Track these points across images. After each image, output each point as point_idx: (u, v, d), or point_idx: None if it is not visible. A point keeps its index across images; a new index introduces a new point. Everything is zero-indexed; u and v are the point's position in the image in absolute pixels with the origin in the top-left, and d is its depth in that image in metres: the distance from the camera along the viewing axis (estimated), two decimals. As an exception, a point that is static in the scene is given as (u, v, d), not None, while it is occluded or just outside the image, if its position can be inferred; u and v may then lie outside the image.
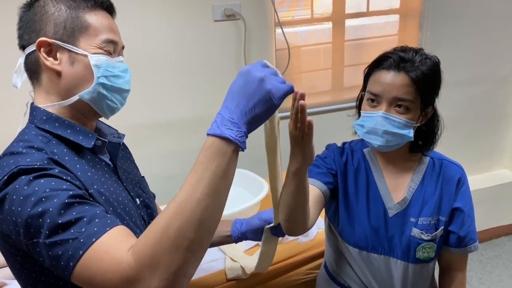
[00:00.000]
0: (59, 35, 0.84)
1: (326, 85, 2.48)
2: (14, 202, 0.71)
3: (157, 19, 1.98)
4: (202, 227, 0.66)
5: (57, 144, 0.82)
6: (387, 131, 1.05)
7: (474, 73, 2.66)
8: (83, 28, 0.85)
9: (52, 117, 0.84)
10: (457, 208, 1.14)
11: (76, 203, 0.71)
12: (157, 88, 2.08)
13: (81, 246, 0.67)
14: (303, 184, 0.93)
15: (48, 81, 0.86)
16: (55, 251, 0.68)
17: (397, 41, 2.52)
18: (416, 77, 1.02)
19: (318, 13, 2.31)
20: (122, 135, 1.00)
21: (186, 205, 0.65)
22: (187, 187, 0.67)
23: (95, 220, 0.70)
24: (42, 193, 0.70)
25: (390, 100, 1.04)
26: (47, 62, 0.83)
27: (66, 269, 0.68)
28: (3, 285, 1.40)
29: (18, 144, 0.79)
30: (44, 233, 0.69)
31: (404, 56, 1.05)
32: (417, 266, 1.16)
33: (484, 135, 2.87)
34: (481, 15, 2.54)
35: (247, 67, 0.72)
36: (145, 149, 2.13)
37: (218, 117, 0.71)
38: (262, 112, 0.71)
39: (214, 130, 0.69)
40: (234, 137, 0.69)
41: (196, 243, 0.66)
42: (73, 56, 0.84)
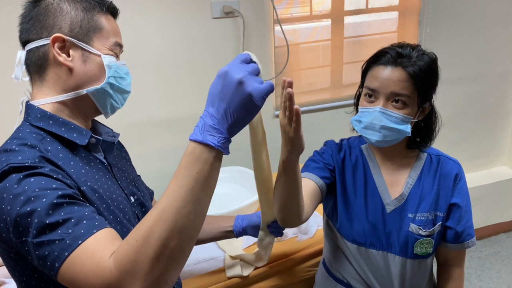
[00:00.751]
0: (74, 33, 0.86)
1: (325, 83, 2.48)
2: (4, 200, 0.71)
3: (156, 17, 1.97)
4: (183, 235, 0.66)
5: (51, 141, 0.83)
6: (384, 126, 1.06)
7: (473, 69, 2.66)
8: (97, 29, 0.88)
9: (47, 114, 0.85)
10: (454, 204, 1.15)
11: (65, 203, 0.71)
12: (155, 85, 2.07)
13: (67, 248, 0.67)
14: (295, 174, 0.93)
15: (55, 76, 0.86)
16: (42, 251, 0.69)
17: (397, 38, 2.52)
18: (413, 72, 1.03)
19: (317, 10, 2.30)
20: (117, 134, 1.01)
21: (167, 213, 0.65)
22: (168, 193, 0.67)
23: (82, 222, 0.70)
24: (31, 193, 0.70)
25: (387, 95, 1.05)
26: (60, 58, 0.84)
27: (52, 270, 0.68)
28: (2, 283, 1.40)
29: (12, 141, 0.80)
30: (32, 233, 0.69)
31: (402, 51, 1.06)
32: (415, 261, 1.16)
33: (483, 132, 2.87)
34: (480, 12, 2.54)
35: (225, 68, 0.70)
36: (143, 147, 2.13)
37: (200, 121, 0.70)
38: (243, 115, 0.70)
39: (195, 136, 0.69)
40: (216, 144, 0.68)
41: (177, 251, 0.66)
42: (86, 54, 0.87)
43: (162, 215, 0.65)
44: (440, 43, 2.50)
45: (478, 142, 2.88)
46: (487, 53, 2.65)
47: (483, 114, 2.81)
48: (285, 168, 0.92)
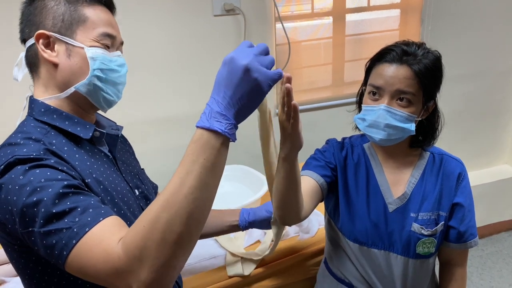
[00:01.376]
0: (57, 27, 0.85)
1: (326, 81, 2.47)
2: (9, 191, 0.71)
3: (156, 14, 1.96)
4: (190, 221, 0.65)
5: (55, 135, 0.83)
6: (389, 124, 1.05)
7: (475, 68, 2.65)
8: (81, 21, 0.86)
9: (50, 109, 0.85)
10: (457, 203, 1.14)
11: (71, 193, 0.71)
12: (156, 83, 2.07)
13: (74, 236, 0.68)
14: (294, 171, 0.93)
15: (46, 73, 0.87)
16: (49, 240, 0.69)
17: (398, 36, 2.51)
18: (419, 70, 1.02)
19: (318, 7, 2.30)
20: (121, 127, 1.01)
21: (174, 199, 0.65)
22: (176, 180, 0.66)
23: (89, 210, 0.70)
24: (37, 183, 0.70)
25: (393, 93, 1.04)
26: (45, 54, 0.85)
27: (60, 258, 0.69)
28: (3, 282, 1.39)
29: (17, 135, 0.80)
30: (39, 222, 0.69)
31: (407, 49, 1.05)
32: (417, 261, 1.16)
33: (484, 130, 2.86)
34: (482, 10, 2.52)
35: (231, 54, 0.69)
36: (145, 145, 2.13)
37: (207, 108, 0.69)
38: (250, 102, 0.70)
39: (202, 122, 0.68)
40: (223, 130, 0.67)
41: (185, 237, 0.65)
42: (70, 48, 0.86)
43: (170, 201, 0.64)
44: (441, 41, 2.49)
45: (480, 140, 2.87)
46: (489, 52, 2.64)
47: (485, 112, 2.80)
48: (283, 165, 0.92)
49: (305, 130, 0.88)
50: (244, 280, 1.45)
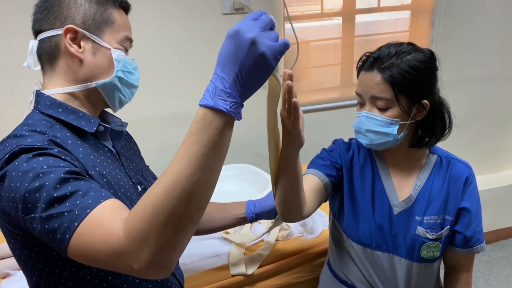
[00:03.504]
0: (87, 25, 0.87)
1: (334, 81, 2.46)
2: (13, 178, 0.72)
3: (166, 13, 1.97)
4: (192, 203, 0.64)
5: (60, 128, 0.84)
6: (369, 129, 1.07)
7: (485, 70, 2.63)
8: (109, 22, 0.90)
9: (56, 102, 0.86)
10: (463, 208, 1.13)
11: (72, 178, 0.72)
12: (164, 81, 2.07)
13: (76, 218, 0.67)
14: (295, 169, 0.93)
15: (65, 66, 0.88)
16: (51, 224, 0.69)
17: (408, 37, 2.49)
18: (389, 76, 1.02)
19: (328, 8, 2.29)
20: (125, 123, 1.02)
21: (176, 180, 0.63)
22: (177, 160, 0.64)
23: (90, 193, 0.70)
24: (40, 169, 0.71)
25: (370, 99, 1.07)
26: (71, 49, 0.86)
27: (62, 242, 0.68)
28: (7, 275, 1.41)
29: (22, 128, 0.81)
30: (41, 207, 0.70)
31: (379, 54, 1.06)
32: (422, 265, 1.14)
33: (494, 134, 2.83)
34: (493, 13, 2.50)
35: (236, 26, 0.64)
36: (152, 141, 2.13)
37: (210, 85, 0.65)
38: (257, 78, 0.65)
39: (206, 100, 0.64)
40: (228, 109, 0.64)
41: (186, 219, 0.64)
42: (96, 47, 0.88)
43: (171, 182, 0.63)
44: (451, 43, 2.47)
45: (488, 144, 2.85)
46: (499, 54, 2.61)
47: (494, 116, 2.78)
48: (285, 162, 0.92)
49: (312, 130, 0.87)
50: (247, 279, 1.45)
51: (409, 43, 1.08)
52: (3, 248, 1.51)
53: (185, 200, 0.63)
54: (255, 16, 0.67)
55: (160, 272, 0.65)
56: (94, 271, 0.84)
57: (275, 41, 0.64)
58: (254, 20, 0.66)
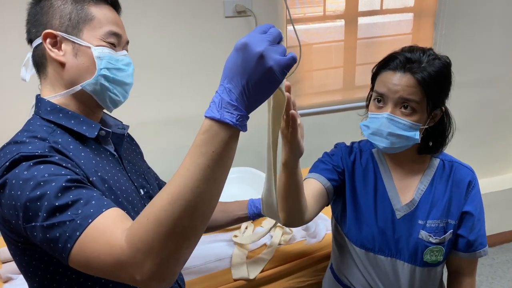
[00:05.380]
0: (64, 27, 0.86)
1: (337, 84, 2.45)
2: (13, 186, 0.72)
3: (168, 15, 1.97)
4: (196, 214, 0.63)
5: (61, 134, 0.84)
6: (392, 133, 1.04)
7: (488, 73, 2.62)
8: (87, 20, 0.86)
9: (56, 108, 0.86)
10: (466, 212, 1.12)
11: (74, 186, 0.72)
12: (166, 84, 2.07)
13: (77, 227, 0.67)
14: (295, 176, 0.94)
15: (53, 72, 0.88)
16: (52, 233, 0.69)
17: (411, 40, 2.49)
18: (422, 79, 1.01)
19: (330, 10, 2.28)
20: (127, 126, 1.02)
21: (180, 192, 0.62)
22: (182, 172, 0.63)
23: (91, 202, 0.70)
24: (41, 178, 0.71)
25: (396, 100, 1.03)
26: (52, 54, 0.85)
27: (64, 251, 0.68)
28: (9, 279, 1.40)
29: (23, 134, 0.81)
30: (42, 216, 0.69)
31: (411, 56, 1.04)
32: (425, 269, 1.14)
33: (497, 137, 2.82)
34: (496, 15, 2.49)
35: (244, 39, 0.64)
36: (154, 144, 2.13)
37: (217, 97, 0.65)
38: (264, 91, 0.65)
39: (212, 113, 0.63)
40: (234, 122, 0.63)
41: (190, 230, 0.64)
42: (76, 47, 0.86)
43: (175, 194, 0.62)
44: (455, 46, 2.46)
45: (492, 147, 2.83)
46: (503, 57, 2.60)
47: (498, 118, 2.77)
48: (285, 170, 0.93)
49: (314, 133, 0.87)
50: (249, 284, 1.44)
51: (431, 49, 1.08)
52: (5, 252, 1.51)
53: (189, 212, 0.62)
54: (264, 29, 0.66)
55: (163, 283, 0.65)
56: (95, 278, 0.83)
57: (283, 55, 0.64)
58: (263, 33, 0.66)
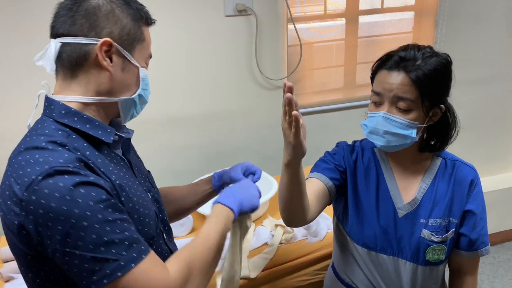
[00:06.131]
0: (122, 40, 0.85)
1: (338, 83, 2.45)
2: (53, 209, 0.71)
3: (168, 14, 1.97)
4: (213, 260, 0.89)
5: (77, 138, 0.82)
6: (388, 131, 1.05)
7: (490, 71, 2.61)
8: (140, 40, 0.89)
9: (71, 111, 0.83)
10: (468, 211, 1.12)
11: (118, 220, 0.76)
12: (166, 83, 2.07)
13: (120, 269, 0.73)
14: (297, 176, 0.94)
15: (89, 77, 0.84)
16: (92, 265, 0.72)
17: (412, 38, 2.48)
18: (416, 77, 1.01)
19: (331, 9, 2.28)
20: (131, 130, 1.01)
21: (205, 246, 0.88)
22: (206, 235, 0.90)
23: (133, 245, 0.76)
24: (86, 206, 0.72)
25: (391, 99, 1.04)
26: (104, 62, 0.83)
27: (96, 284, 0.73)
28: (10, 279, 1.41)
29: (39, 138, 0.79)
30: (86, 246, 0.72)
31: (405, 55, 1.04)
32: (427, 268, 1.14)
33: (499, 135, 2.82)
34: (497, 13, 2.49)
35: (253, 202, 1.04)
36: (153, 144, 2.14)
37: (230, 197, 1.00)
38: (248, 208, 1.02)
39: (229, 203, 0.98)
40: (236, 213, 0.98)
41: (211, 269, 0.90)
42: (126, 63, 0.87)
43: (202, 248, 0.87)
44: (456, 44, 2.46)
45: (494, 145, 2.83)
46: (504, 55, 2.60)
47: (500, 116, 2.76)
48: (286, 171, 0.93)
49: (315, 132, 0.87)
50: (250, 283, 1.44)
51: (427, 46, 1.07)
52: (6, 251, 1.51)
53: (211, 258, 0.88)
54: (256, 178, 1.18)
55: None
56: None
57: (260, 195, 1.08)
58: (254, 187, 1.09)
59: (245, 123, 2.25)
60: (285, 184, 0.96)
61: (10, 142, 0.91)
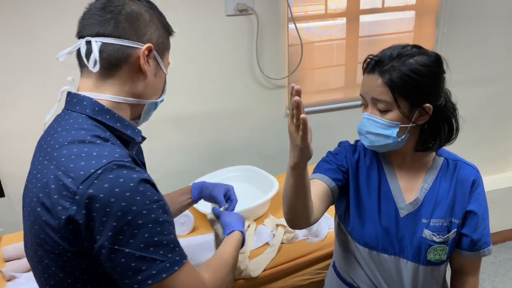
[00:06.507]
0: (158, 47, 0.92)
1: (338, 82, 2.45)
2: (111, 204, 0.72)
3: (169, 13, 1.95)
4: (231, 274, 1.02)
5: (110, 136, 0.84)
6: (369, 131, 1.07)
7: (491, 71, 2.61)
8: (167, 49, 0.97)
9: (104, 109, 0.85)
10: (470, 211, 1.12)
11: (165, 222, 0.78)
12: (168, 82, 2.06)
13: (165, 270, 0.76)
14: (302, 179, 0.94)
15: (126, 78, 0.88)
16: (139, 264, 0.73)
17: (413, 38, 2.48)
18: (388, 80, 1.02)
19: (332, 8, 2.28)
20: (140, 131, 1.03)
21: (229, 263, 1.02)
22: (231, 253, 1.06)
23: (176, 249, 0.79)
24: (144, 205, 0.74)
25: (371, 101, 1.07)
26: (145, 66, 0.88)
27: (139, 284, 0.75)
28: (12, 278, 1.41)
29: (79, 132, 0.80)
30: (137, 245, 0.73)
31: (381, 57, 1.05)
32: (428, 268, 1.14)
33: (500, 135, 2.82)
34: (499, 12, 2.48)
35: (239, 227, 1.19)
36: (154, 143, 2.13)
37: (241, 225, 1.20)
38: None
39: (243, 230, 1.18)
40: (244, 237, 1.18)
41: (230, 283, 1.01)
42: (158, 69, 0.94)
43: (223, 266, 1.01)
44: (457, 44, 2.46)
45: (495, 145, 2.83)
46: (506, 55, 2.60)
47: (501, 116, 2.76)
48: (292, 173, 0.93)
49: (316, 131, 0.87)
50: (252, 282, 1.44)
51: (415, 46, 1.07)
52: (9, 250, 1.52)
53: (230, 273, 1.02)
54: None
55: None
56: None
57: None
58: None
59: (246, 123, 2.25)
60: (291, 187, 0.96)
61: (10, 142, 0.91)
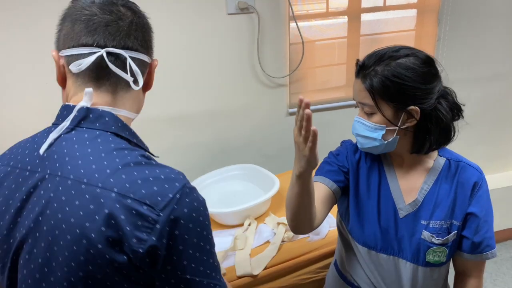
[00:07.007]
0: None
1: (340, 81, 2.45)
2: (190, 231, 0.67)
3: (170, 12, 1.96)
4: None
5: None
6: (358, 134, 1.10)
7: (493, 69, 2.60)
8: None
9: (124, 124, 0.78)
10: (471, 213, 1.10)
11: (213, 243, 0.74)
12: (168, 81, 2.07)
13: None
14: (307, 187, 0.95)
15: (136, 93, 0.83)
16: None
17: (414, 36, 2.47)
18: (368, 85, 1.03)
19: (333, 7, 2.27)
20: None
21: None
22: None
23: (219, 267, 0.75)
24: (210, 229, 0.71)
25: (359, 104, 1.09)
26: (151, 81, 0.86)
27: None
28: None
29: (122, 152, 0.71)
30: (204, 272, 0.69)
31: (364, 61, 1.07)
32: (427, 269, 1.13)
33: (502, 133, 2.81)
34: (501, 11, 2.47)
35: None
36: (155, 142, 2.13)
37: None
38: None
39: None
40: None
41: None
42: None
43: None
44: (458, 42, 2.45)
45: (497, 143, 2.82)
46: (507, 53, 2.59)
47: (503, 114, 2.75)
48: (297, 182, 0.94)
49: (317, 130, 0.87)
50: (253, 280, 1.45)
51: (407, 47, 1.06)
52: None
53: None
54: None
55: None
56: None
57: None
58: None
59: (247, 121, 2.25)
60: (295, 195, 0.96)
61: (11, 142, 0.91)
